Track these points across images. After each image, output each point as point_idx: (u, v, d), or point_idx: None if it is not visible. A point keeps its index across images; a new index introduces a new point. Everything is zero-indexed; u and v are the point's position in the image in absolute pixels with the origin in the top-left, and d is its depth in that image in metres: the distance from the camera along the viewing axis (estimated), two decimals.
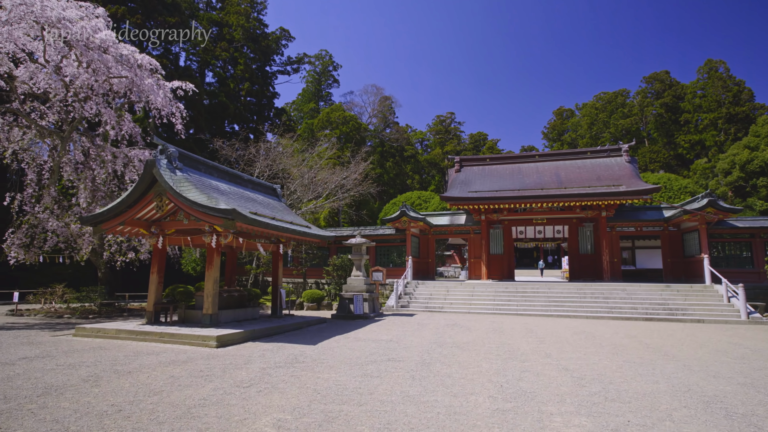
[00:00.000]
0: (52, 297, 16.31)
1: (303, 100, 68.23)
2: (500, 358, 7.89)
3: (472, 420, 4.48)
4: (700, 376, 6.62)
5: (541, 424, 4.39)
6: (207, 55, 45.00)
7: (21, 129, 15.03)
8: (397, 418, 4.49)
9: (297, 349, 8.56)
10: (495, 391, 5.59)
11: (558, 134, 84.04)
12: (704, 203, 16.30)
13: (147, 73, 14.82)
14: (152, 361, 7.16)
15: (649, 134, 69.60)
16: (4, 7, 12.06)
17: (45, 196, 14.41)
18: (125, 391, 5.34)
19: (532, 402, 5.14)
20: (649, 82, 70.79)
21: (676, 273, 19.45)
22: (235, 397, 5.16)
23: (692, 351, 8.90)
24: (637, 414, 4.75)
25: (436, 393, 5.48)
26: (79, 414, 4.48)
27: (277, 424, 4.27)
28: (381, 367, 6.95)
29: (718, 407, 5.06)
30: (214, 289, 10.63)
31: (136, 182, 10.37)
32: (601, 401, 5.22)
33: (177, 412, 4.61)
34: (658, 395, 5.53)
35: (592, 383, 6.09)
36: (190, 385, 5.72)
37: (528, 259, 54.43)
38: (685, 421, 4.54)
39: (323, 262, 22.26)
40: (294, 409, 4.74)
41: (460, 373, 6.60)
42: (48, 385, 5.55)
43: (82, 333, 10.13)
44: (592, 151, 21.84)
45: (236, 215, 9.36)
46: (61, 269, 22.23)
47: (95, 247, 15.01)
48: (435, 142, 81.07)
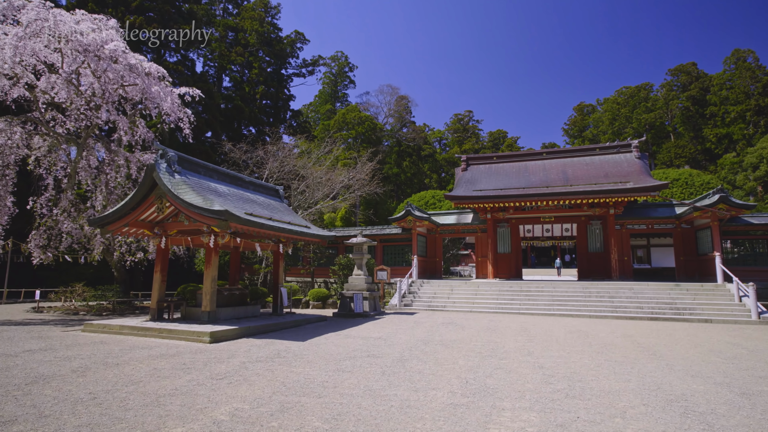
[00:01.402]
0: (71, 295, 17.21)
1: (320, 102, 69.03)
2: (480, 355, 7.96)
3: (422, 413, 4.61)
4: (678, 376, 6.52)
5: (488, 418, 4.49)
6: (223, 61, 46.23)
7: (42, 137, 15.94)
8: (349, 410, 4.67)
9: (284, 345, 8.84)
10: (458, 387, 5.69)
11: (579, 130, 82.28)
12: (715, 199, 15.76)
13: (155, 81, 15.45)
14: (143, 355, 7.57)
15: (675, 129, 67.33)
16: (21, 23, 12.84)
17: (63, 199, 15.23)
18: (107, 381, 5.71)
19: (490, 398, 5.22)
20: (674, 74, 68.47)
21: (690, 272, 18.85)
22: (205, 388, 5.45)
23: (684, 351, 8.72)
24: (591, 411, 4.78)
25: (399, 388, 5.63)
26: (57, 400, 4.85)
27: (233, 413, 4.52)
28: (357, 363, 7.14)
29: (679, 405, 5.02)
30: (212, 288, 11.05)
31: (138, 186, 10.89)
32: (561, 398, 5.26)
33: (146, 400, 4.93)
34: (622, 393, 5.52)
35: (560, 381, 6.11)
36: (169, 376, 6.05)
37: (546, 258, 53.56)
38: (636, 418, 4.55)
39: (330, 262, 22.60)
40: (255, 400, 4.98)
41: (432, 370, 6.72)
42: (39, 375, 5.99)
43: (89, 329, 10.72)
44: (602, 147, 21.36)
45: (229, 216, 9.73)
46: (83, 269, 23.35)
47: (107, 247, 15.76)
48: (453, 140, 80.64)
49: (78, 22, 14.67)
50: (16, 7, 13.83)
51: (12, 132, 13.66)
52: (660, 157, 62.58)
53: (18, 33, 12.60)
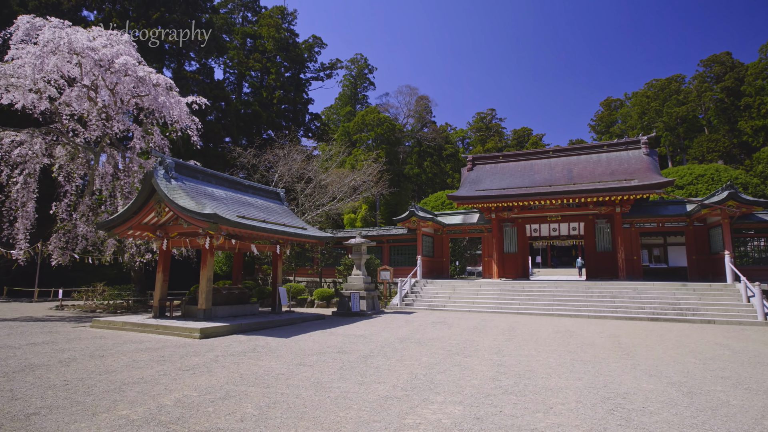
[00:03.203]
0: (92, 294, 18.42)
1: (340, 104, 69.92)
2: (448, 353, 8.13)
3: (352, 404, 4.90)
4: (634, 375, 6.51)
5: (411, 410, 4.72)
6: (242, 68, 47.72)
7: (63, 146, 17.15)
8: (286, 399, 5.01)
9: (265, 342, 9.29)
10: (404, 382, 5.93)
11: (606, 126, 79.84)
12: (724, 196, 15.18)
13: (163, 91, 16.35)
14: (130, 348, 8.19)
15: (709, 121, 64.32)
16: (38, 43, 13.94)
17: (81, 204, 16.35)
18: (85, 371, 6.29)
19: (427, 392, 5.44)
20: (707, 65, 65.43)
21: (703, 271, 18.15)
22: (169, 378, 5.93)
23: (662, 351, 8.59)
24: (518, 406, 4.93)
25: (347, 381, 5.93)
26: (34, 386, 5.43)
27: (180, 399, 4.95)
28: (323, 358, 7.48)
29: (612, 403, 5.09)
30: (207, 287, 11.67)
31: (139, 191, 11.65)
32: (498, 394, 5.41)
33: (111, 387, 5.43)
34: (563, 391, 5.61)
35: (509, 378, 6.24)
36: (143, 367, 6.58)
37: (567, 258, 52.25)
38: (559, 413, 4.67)
39: (338, 262, 23.08)
40: (206, 389, 5.40)
41: (390, 366, 6.98)
42: (29, 364, 6.65)
43: (96, 325, 11.55)
44: (609, 144, 20.83)
45: (217, 218, 10.29)
46: (108, 270, 24.81)
47: (119, 249, 16.79)
48: (476, 139, 79.90)
49: (93, 39, 15.77)
50: (37, 26, 15.01)
51: (32, 143, 14.77)
52: (691, 152, 59.93)
53: (35, 52, 13.69)
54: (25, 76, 14.15)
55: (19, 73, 14.29)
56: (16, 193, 15.00)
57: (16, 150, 14.37)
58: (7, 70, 14.49)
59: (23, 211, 14.72)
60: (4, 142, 14.46)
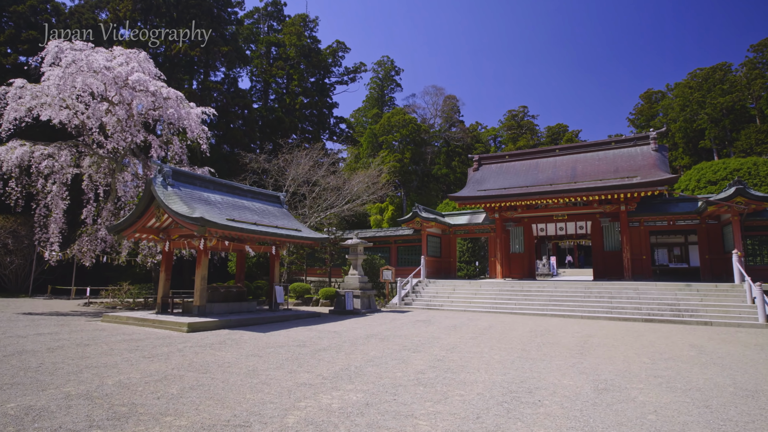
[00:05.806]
0: (118, 292, 20.09)
1: (368, 107, 70.80)
2: (402, 348, 8.49)
3: (270, 388, 5.41)
4: (565, 373, 6.62)
5: (315, 395, 5.18)
6: (266, 75, 49.65)
7: (90, 157, 18.88)
8: (211, 383, 5.61)
9: (241, 335, 10.02)
10: (331, 372, 6.39)
11: (646, 119, 76.05)
12: (731, 192, 14.45)
13: (174, 103, 17.64)
14: (116, 339, 9.15)
15: (760, 111, 59.84)
16: (61, 65, 15.53)
17: (104, 210, 17.95)
18: (65, 356, 7.20)
19: (343, 381, 5.87)
20: (758, 49, 60.84)
21: (717, 271, 17.25)
22: (127, 364, 6.71)
23: (622, 351, 8.51)
24: (417, 396, 5.26)
25: (280, 370, 6.46)
26: (12, 368, 6.35)
27: (121, 381, 5.67)
28: (278, 351, 8.07)
29: (511, 396, 5.31)
30: (201, 285, 12.62)
31: (140, 197, 12.77)
32: (410, 385, 5.75)
33: (74, 369, 6.26)
34: (475, 384, 5.87)
35: (435, 371, 6.55)
36: (113, 354, 7.43)
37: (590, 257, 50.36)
38: (450, 404, 4.97)
39: (345, 262, 23.72)
40: (151, 373, 6.11)
41: (333, 358, 7.45)
42: (21, 350, 7.68)
43: (105, 319, 12.77)
44: (617, 141, 20.14)
45: (205, 222, 11.16)
46: (137, 270, 26.77)
47: (136, 250, 18.25)
48: (507, 137, 78.53)
49: (114, 58, 17.31)
50: (63, 49, 16.67)
51: (59, 155, 16.42)
52: (738, 144, 56.05)
53: (58, 74, 15.27)
54: (52, 95, 15.81)
55: (47, 92, 15.98)
56: (50, 200, 16.75)
57: (44, 162, 16.03)
58: (40, 90, 16.25)
59: (55, 216, 16.39)
60: (35, 155, 16.18)
